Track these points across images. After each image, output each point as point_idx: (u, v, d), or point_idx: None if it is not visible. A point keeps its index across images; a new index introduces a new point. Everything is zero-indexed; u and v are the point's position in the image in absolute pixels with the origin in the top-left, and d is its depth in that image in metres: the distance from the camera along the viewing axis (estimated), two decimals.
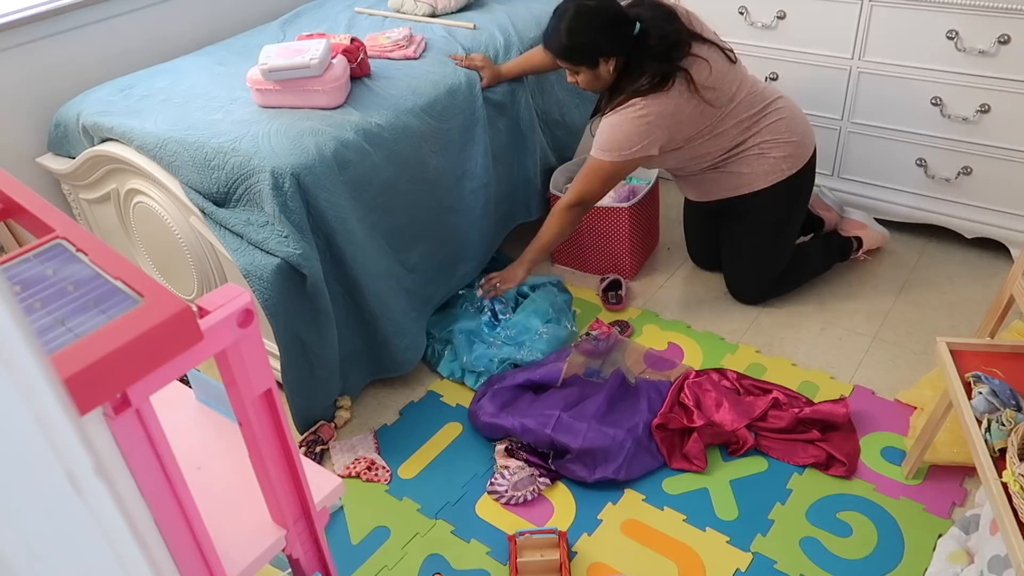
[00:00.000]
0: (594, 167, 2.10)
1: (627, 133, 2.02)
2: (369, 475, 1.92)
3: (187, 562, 0.83)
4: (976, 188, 2.40)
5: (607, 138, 2.05)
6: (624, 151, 2.04)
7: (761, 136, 2.13)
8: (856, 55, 2.40)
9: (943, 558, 1.59)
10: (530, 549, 1.70)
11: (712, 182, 2.23)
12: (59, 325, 0.66)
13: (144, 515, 0.76)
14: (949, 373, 1.57)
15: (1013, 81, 2.19)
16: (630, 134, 2.02)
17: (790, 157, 2.17)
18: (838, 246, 2.44)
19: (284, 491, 0.98)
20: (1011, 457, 1.35)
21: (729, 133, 2.11)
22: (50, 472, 0.40)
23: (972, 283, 2.42)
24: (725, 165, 2.17)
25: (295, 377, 1.92)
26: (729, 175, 2.18)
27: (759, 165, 2.16)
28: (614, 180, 2.13)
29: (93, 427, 0.68)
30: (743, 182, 2.18)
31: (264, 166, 1.81)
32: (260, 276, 1.78)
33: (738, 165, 2.16)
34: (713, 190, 2.25)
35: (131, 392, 0.69)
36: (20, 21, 2.17)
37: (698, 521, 1.78)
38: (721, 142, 2.12)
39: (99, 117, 2.08)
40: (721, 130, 2.10)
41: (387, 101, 2.06)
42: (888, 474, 1.84)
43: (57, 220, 0.80)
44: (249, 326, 0.80)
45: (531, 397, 2.04)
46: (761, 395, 2.01)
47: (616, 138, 2.03)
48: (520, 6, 2.60)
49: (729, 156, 2.15)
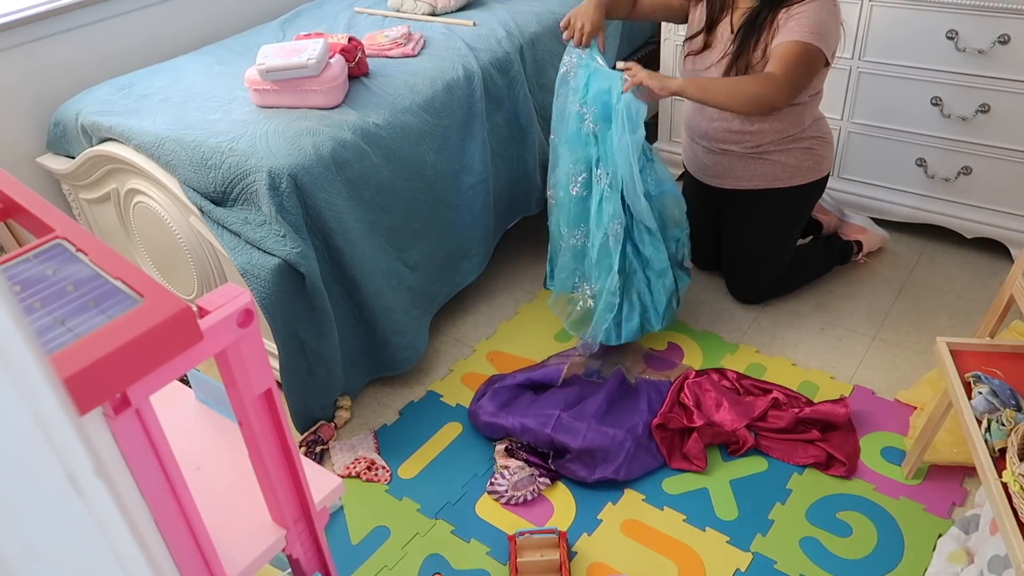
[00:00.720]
0: (802, 51, 1.88)
1: (832, 20, 1.91)
2: (369, 475, 1.92)
3: (187, 562, 0.83)
4: (976, 188, 2.40)
5: (815, 21, 1.87)
6: (831, 41, 1.91)
7: (813, 131, 2.13)
8: (856, 55, 2.40)
9: (943, 558, 1.59)
10: (530, 549, 1.70)
11: (756, 166, 2.18)
12: (59, 325, 0.66)
13: (144, 515, 0.76)
14: (949, 373, 1.57)
15: (1013, 81, 2.19)
16: (832, 24, 1.92)
17: (826, 159, 2.20)
18: (838, 249, 2.44)
19: (284, 491, 0.98)
20: (1011, 457, 1.35)
21: (807, 110, 2.09)
22: (50, 472, 0.40)
23: (972, 283, 2.42)
24: (776, 152, 2.14)
25: (294, 377, 1.92)
26: (773, 164, 2.16)
27: (804, 160, 2.16)
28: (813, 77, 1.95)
29: (93, 427, 0.68)
30: (785, 174, 2.17)
31: (261, 166, 1.81)
32: (258, 275, 1.78)
33: (785, 156, 2.14)
34: (746, 177, 2.20)
35: (131, 392, 0.69)
36: (20, 21, 2.17)
37: (698, 521, 1.78)
38: (795, 117, 2.08)
39: (98, 116, 2.08)
40: (805, 101, 2.05)
41: (385, 100, 2.06)
42: (888, 474, 1.84)
43: (57, 220, 0.79)
44: (249, 326, 0.79)
45: (531, 397, 2.04)
46: (761, 395, 2.01)
47: (823, 21, 1.87)
48: (521, 3, 2.60)
49: (784, 141, 2.12)
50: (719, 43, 2.09)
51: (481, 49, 2.31)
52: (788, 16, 1.94)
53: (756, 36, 1.99)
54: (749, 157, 2.17)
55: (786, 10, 1.94)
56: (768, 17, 1.97)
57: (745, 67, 2.02)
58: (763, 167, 2.17)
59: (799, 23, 1.91)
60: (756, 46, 2.00)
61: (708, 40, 2.11)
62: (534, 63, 2.43)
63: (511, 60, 2.35)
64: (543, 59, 2.46)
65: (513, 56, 2.35)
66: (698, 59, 2.14)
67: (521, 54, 2.39)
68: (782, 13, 1.95)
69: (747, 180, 2.21)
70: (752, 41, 1.99)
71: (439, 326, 2.38)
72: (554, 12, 2.55)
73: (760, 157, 2.16)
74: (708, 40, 2.11)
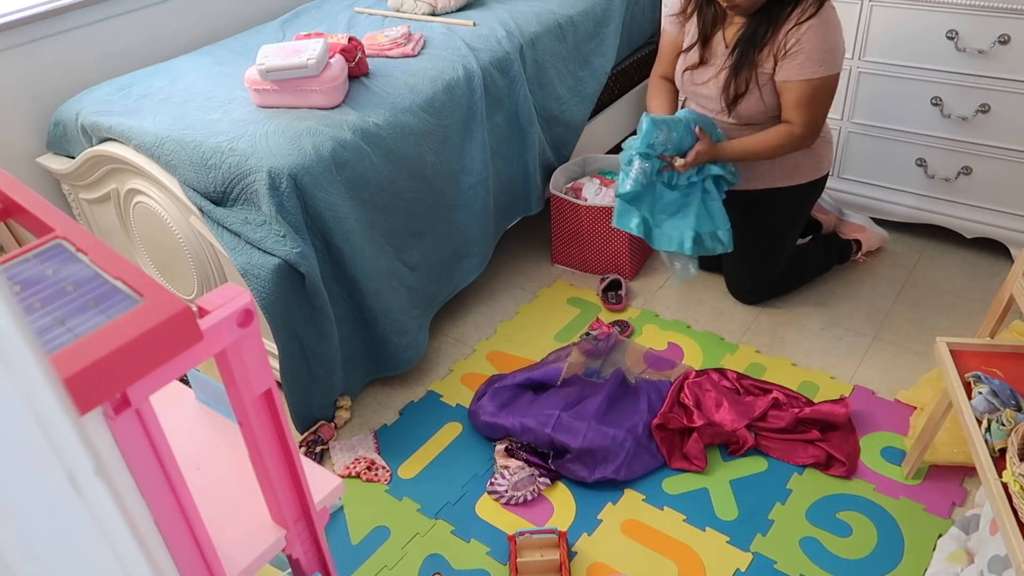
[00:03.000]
0: (818, 87, 1.95)
1: (837, 34, 1.93)
2: (369, 475, 1.92)
3: (187, 562, 0.83)
4: (976, 188, 2.40)
5: (822, 50, 1.91)
6: (839, 59, 1.95)
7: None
8: (856, 55, 2.40)
9: (943, 558, 1.59)
10: (530, 549, 1.70)
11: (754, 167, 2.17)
12: (59, 325, 0.66)
13: (144, 515, 0.76)
14: (949, 373, 1.57)
15: (1013, 81, 2.19)
16: (837, 39, 1.94)
17: (826, 159, 2.20)
18: (838, 248, 2.45)
19: (284, 491, 0.98)
20: (1011, 457, 1.35)
21: None
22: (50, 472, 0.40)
23: (972, 283, 2.42)
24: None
25: (294, 377, 1.92)
26: (773, 164, 2.16)
27: (804, 159, 2.16)
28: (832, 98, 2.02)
29: (93, 427, 0.68)
30: (785, 174, 2.17)
31: (261, 166, 1.81)
32: (258, 275, 1.78)
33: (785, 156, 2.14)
34: (746, 178, 2.20)
35: (131, 392, 0.69)
36: (20, 21, 2.17)
37: (698, 521, 1.78)
38: None
39: (98, 116, 2.08)
40: None
41: (385, 100, 2.06)
42: (888, 474, 1.84)
43: (57, 220, 0.79)
44: (249, 326, 0.79)
45: (531, 397, 2.04)
46: (761, 395, 2.01)
47: (829, 48, 1.91)
48: (521, 3, 2.60)
49: None
50: (715, 58, 2.09)
51: (481, 49, 2.31)
52: (798, 36, 1.91)
53: (757, 50, 1.98)
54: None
55: (794, 28, 1.92)
56: (768, 34, 1.95)
57: (745, 83, 2.01)
58: (763, 167, 2.17)
59: (809, 56, 1.91)
60: (759, 61, 1.98)
61: (704, 55, 2.10)
62: (534, 63, 2.43)
63: (511, 60, 2.35)
64: (543, 59, 2.46)
65: (513, 56, 2.35)
66: (696, 73, 2.13)
67: (521, 54, 2.39)
68: (789, 31, 1.92)
69: (747, 180, 2.21)
70: (753, 54, 1.98)
71: (439, 326, 2.38)
72: (554, 12, 2.55)
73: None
74: (704, 55, 2.10)
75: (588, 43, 2.64)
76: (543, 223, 2.73)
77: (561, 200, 2.49)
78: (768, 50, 1.96)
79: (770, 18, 1.95)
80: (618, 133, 2.99)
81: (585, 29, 2.61)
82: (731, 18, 2.04)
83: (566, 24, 2.54)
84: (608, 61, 2.71)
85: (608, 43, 2.71)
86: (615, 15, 2.71)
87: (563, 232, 2.55)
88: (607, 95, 2.84)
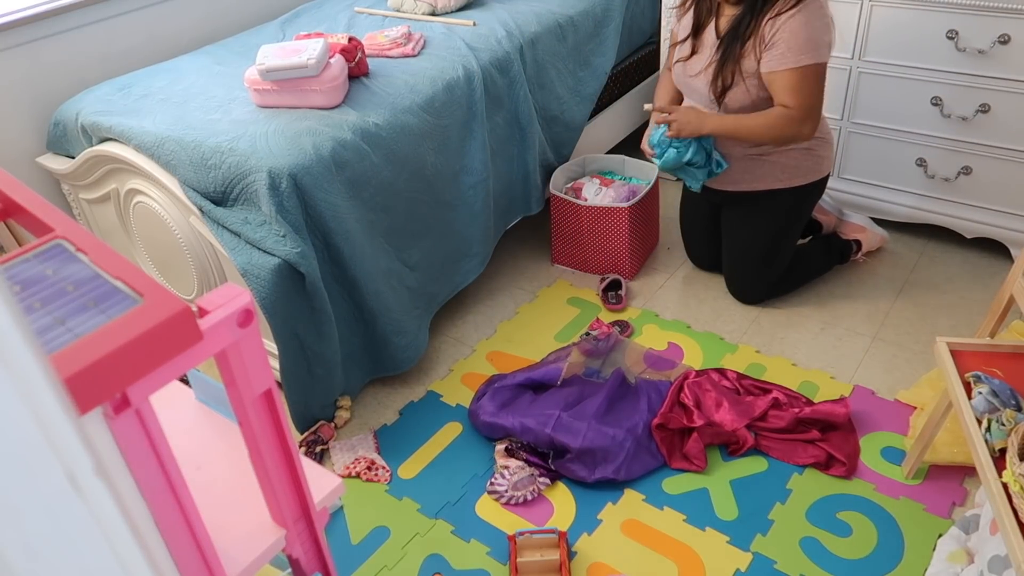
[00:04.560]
0: (803, 75, 1.95)
1: (821, 25, 1.94)
2: (369, 475, 1.92)
3: (187, 562, 0.83)
4: (976, 188, 2.40)
5: (804, 38, 1.92)
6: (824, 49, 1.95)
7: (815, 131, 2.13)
8: (856, 55, 2.40)
9: (943, 558, 1.59)
10: (530, 549, 1.70)
11: (755, 168, 2.18)
12: (59, 325, 0.66)
13: (144, 515, 0.76)
14: (949, 373, 1.57)
15: (1013, 81, 2.19)
16: (821, 30, 1.94)
17: (826, 159, 2.20)
18: (838, 248, 2.44)
19: (284, 491, 0.98)
20: (1011, 457, 1.34)
21: None
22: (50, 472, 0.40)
23: (972, 283, 2.42)
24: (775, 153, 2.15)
25: (294, 377, 1.92)
26: (773, 165, 2.16)
27: (804, 161, 2.16)
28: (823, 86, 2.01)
29: (93, 427, 0.68)
30: (785, 175, 2.17)
31: (261, 166, 1.81)
32: (258, 275, 1.78)
33: (785, 157, 2.15)
34: (747, 179, 2.21)
35: (131, 392, 0.69)
36: (20, 21, 2.17)
37: (698, 521, 1.78)
38: None
39: (98, 116, 2.08)
40: None
41: (385, 100, 2.06)
42: (888, 474, 1.84)
43: (57, 220, 0.79)
44: (249, 326, 0.79)
45: (531, 397, 2.04)
46: (761, 395, 2.01)
47: (812, 36, 1.92)
48: (521, 3, 2.60)
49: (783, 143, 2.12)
50: (705, 49, 2.11)
51: (481, 49, 2.31)
52: (774, 28, 1.94)
53: (741, 44, 2.00)
54: (748, 159, 2.17)
55: (771, 20, 1.95)
56: (751, 26, 1.98)
57: (731, 75, 2.03)
58: (763, 168, 2.17)
59: (789, 46, 1.93)
60: (742, 54, 2.00)
61: (695, 46, 2.13)
62: (534, 63, 2.43)
63: (511, 60, 2.35)
64: (543, 59, 2.46)
65: (513, 56, 2.35)
66: (687, 65, 2.16)
67: (521, 54, 2.39)
68: (767, 23, 1.95)
69: (747, 182, 2.21)
70: (737, 48, 2.00)
71: (439, 326, 2.38)
72: (554, 12, 2.55)
73: (759, 158, 2.16)
74: (695, 46, 2.13)
75: (588, 43, 2.64)
76: (543, 223, 2.73)
77: (561, 200, 2.49)
78: (751, 43, 1.99)
79: (753, 10, 1.98)
80: (618, 133, 2.99)
81: (585, 29, 2.61)
82: (723, 9, 2.06)
83: (566, 24, 2.54)
84: (608, 61, 2.71)
85: (608, 43, 2.71)
86: (615, 15, 2.72)
87: (563, 232, 2.56)
88: (607, 95, 2.84)
